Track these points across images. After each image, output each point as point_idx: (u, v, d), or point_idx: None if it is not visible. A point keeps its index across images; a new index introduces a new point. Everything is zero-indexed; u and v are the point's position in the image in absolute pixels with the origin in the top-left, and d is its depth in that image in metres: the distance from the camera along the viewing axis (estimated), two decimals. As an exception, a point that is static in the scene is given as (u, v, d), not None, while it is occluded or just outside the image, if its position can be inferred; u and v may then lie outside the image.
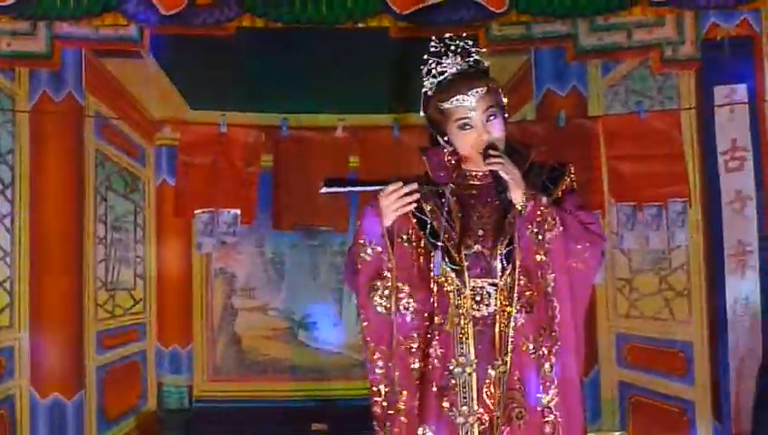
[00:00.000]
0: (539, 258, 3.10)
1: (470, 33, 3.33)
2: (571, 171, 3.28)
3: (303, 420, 5.46)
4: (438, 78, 3.16)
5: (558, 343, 3.08)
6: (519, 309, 3.11)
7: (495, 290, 3.13)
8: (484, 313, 3.14)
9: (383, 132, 5.58)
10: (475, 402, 3.12)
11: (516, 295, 3.10)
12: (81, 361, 5.47)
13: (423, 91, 3.20)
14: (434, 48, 3.19)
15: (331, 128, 5.58)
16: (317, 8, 5.37)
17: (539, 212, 3.10)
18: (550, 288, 3.10)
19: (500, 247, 3.13)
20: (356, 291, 3.22)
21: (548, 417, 3.08)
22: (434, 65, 3.17)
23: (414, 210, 3.17)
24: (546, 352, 3.09)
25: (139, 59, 5.55)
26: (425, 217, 3.19)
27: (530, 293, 3.12)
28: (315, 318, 5.83)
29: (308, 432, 5.41)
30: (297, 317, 5.83)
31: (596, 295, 5.43)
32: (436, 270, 3.14)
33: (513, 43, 5.57)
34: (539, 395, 3.07)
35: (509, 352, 3.10)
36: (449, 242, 3.15)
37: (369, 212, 3.16)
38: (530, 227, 3.09)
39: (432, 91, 3.18)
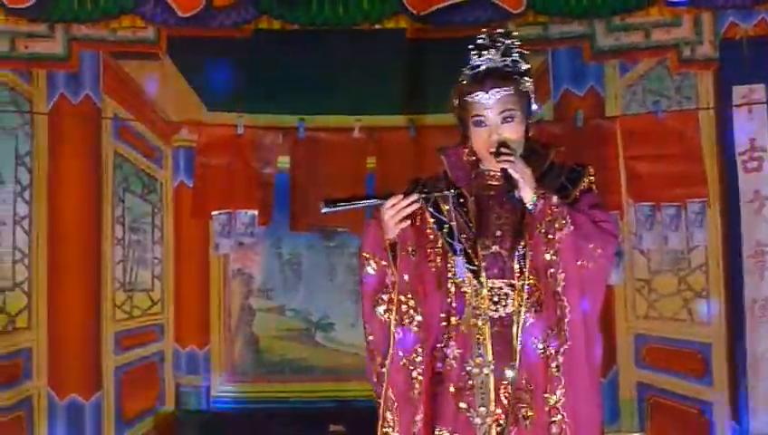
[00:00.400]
0: (548, 257, 3.05)
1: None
2: (591, 172, 3.26)
3: (321, 421, 5.46)
4: (472, 71, 3.16)
5: (567, 343, 3.03)
6: (528, 308, 3.09)
7: (513, 291, 3.11)
8: (502, 314, 3.12)
9: (400, 133, 5.58)
10: (493, 403, 3.09)
11: (526, 295, 3.09)
12: (99, 361, 5.49)
13: (459, 79, 3.20)
14: (480, 41, 3.19)
15: (348, 129, 5.59)
16: (334, 9, 5.37)
17: (549, 211, 3.06)
18: (560, 288, 3.04)
19: (518, 248, 3.11)
20: (362, 304, 3.20)
21: (555, 417, 3.05)
22: (474, 57, 3.17)
23: (432, 210, 3.16)
24: (554, 352, 3.05)
25: (157, 61, 5.57)
26: (443, 218, 3.17)
27: (538, 293, 3.10)
28: (332, 319, 5.83)
29: (325, 433, 5.41)
30: (314, 318, 5.84)
31: (614, 296, 5.42)
32: (459, 274, 3.12)
33: (530, 44, 5.53)
34: (546, 395, 3.05)
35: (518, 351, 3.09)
36: (467, 242, 3.14)
37: (372, 226, 3.14)
38: (539, 226, 3.06)
39: (463, 82, 3.18)
